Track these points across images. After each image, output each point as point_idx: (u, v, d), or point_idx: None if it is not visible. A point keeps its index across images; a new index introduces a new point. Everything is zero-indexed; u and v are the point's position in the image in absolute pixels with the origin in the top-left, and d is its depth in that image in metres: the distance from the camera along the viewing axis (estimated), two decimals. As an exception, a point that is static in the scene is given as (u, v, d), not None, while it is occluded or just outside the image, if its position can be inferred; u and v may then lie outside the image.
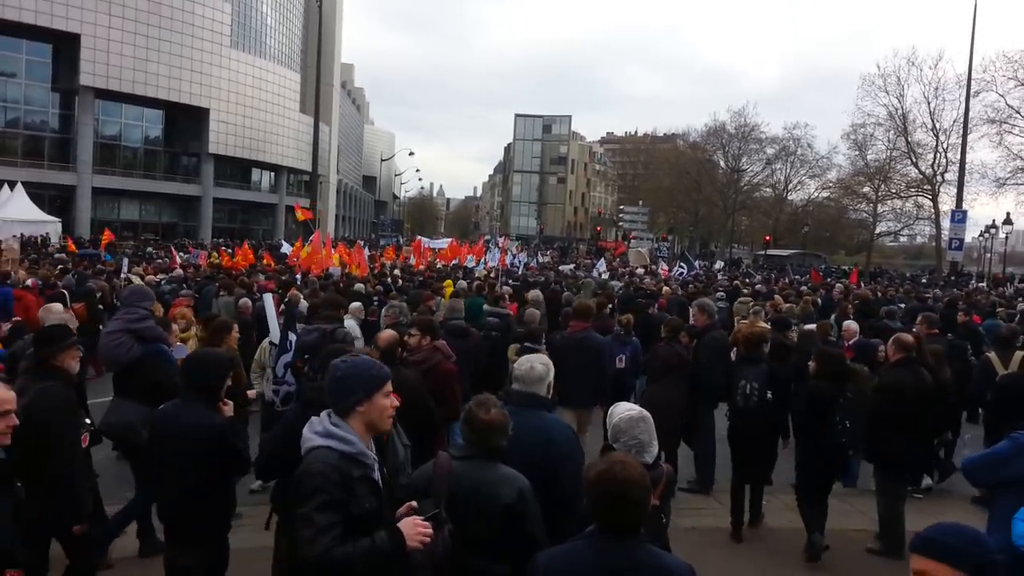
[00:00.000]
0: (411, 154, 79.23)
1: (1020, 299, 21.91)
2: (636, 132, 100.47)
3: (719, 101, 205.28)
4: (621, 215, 63.99)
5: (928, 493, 7.82)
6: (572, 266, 30.48)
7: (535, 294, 13.00)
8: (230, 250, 28.74)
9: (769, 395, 6.52)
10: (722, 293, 17.56)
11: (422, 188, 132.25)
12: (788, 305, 13.46)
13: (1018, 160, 45.58)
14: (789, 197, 63.52)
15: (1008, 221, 44.56)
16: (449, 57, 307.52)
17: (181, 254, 26.77)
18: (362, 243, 34.10)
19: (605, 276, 24.25)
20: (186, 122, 57.81)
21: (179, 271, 18.53)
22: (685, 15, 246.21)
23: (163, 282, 15.60)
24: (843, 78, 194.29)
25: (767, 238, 58.72)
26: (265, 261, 22.82)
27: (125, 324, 5.75)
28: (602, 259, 31.91)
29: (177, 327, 7.47)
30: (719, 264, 41.54)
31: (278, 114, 64.86)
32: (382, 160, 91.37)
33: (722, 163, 63.25)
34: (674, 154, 69.82)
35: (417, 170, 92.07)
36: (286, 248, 26.61)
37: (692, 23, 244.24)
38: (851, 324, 10.23)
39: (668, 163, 68.01)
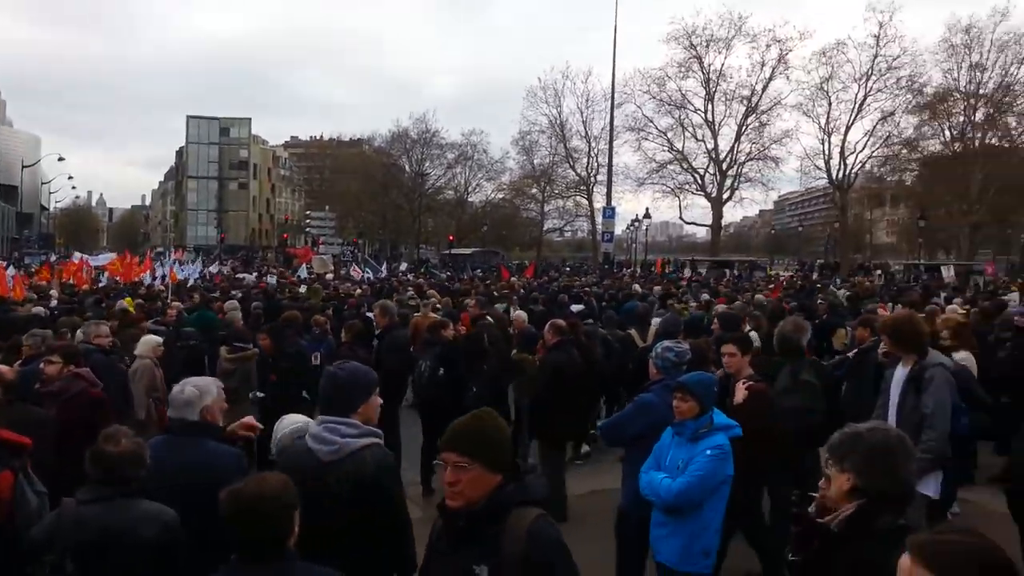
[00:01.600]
0: (60, 159, 69.41)
1: (640, 280, 25.61)
2: (321, 137, 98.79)
3: (402, 108, 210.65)
4: (308, 221, 62.61)
5: (587, 458, 8.77)
6: (255, 275, 29.13)
7: (232, 303, 12.42)
8: None
9: (441, 371, 7.51)
10: (412, 292, 18.21)
11: (77, 197, 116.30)
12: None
13: (653, 163, 53.46)
14: (470, 199, 67.27)
15: (647, 215, 52.06)
16: (112, 54, 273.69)
17: None
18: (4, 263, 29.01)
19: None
20: None
21: None
22: (368, 21, 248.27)
23: None
24: (512, 89, 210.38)
25: (451, 237, 61.58)
26: None
27: None
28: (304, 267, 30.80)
29: None
30: (404, 266, 42.64)
31: None
32: (23, 167, 78.84)
33: (407, 167, 64.84)
34: (360, 159, 70.02)
35: (70, 177, 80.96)
36: None
37: (375, 30, 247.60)
38: (520, 313, 11.18)
39: (355, 168, 68.03)
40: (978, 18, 45.92)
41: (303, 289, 19.40)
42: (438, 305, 13.08)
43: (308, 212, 69.50)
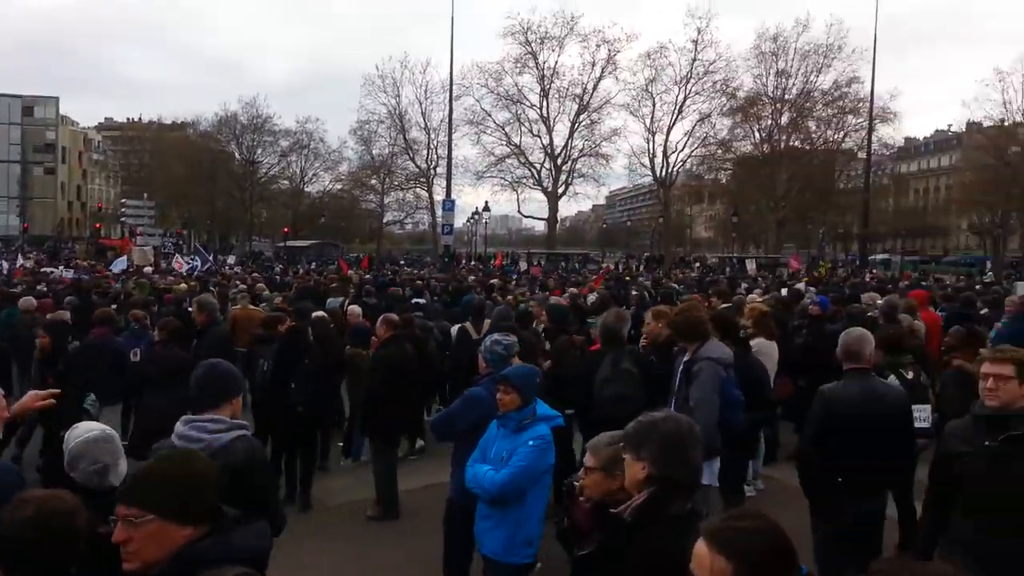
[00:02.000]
0: None
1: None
2: (140, 119, 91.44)
3: (229, 90, 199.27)
4: (124, 210, 57.85)
5: (422, 453, 8.74)
6: (62, 268, 26.57)
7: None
8: None
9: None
10: (241, 287, 17.41)
11: None
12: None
13: (492, 156, 54.21)
14: (306, 189, 65.01)
15: (487, 208, 52.74)
16: None
17: None
18: None
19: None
20: None
21: None
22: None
23: None
24: (348, 77, 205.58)
25: (286, 229, 59.24)
26: None
27: None
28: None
29: None
30: (232, 259, 40.53)
31: None
32: None
33: (237, 154, 61.51)
34: (184, 144, 65.60)
35: None
36: None
37: (195, 3, 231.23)
38: (354, 308, 10.94)
39: (179, 153, 63.64)
40: (784, 28, 50.39)
41: (122, 283, 17.89)
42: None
43: (124, 200, 64.08)
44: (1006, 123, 49.80)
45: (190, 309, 10.40)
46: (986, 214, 56.69)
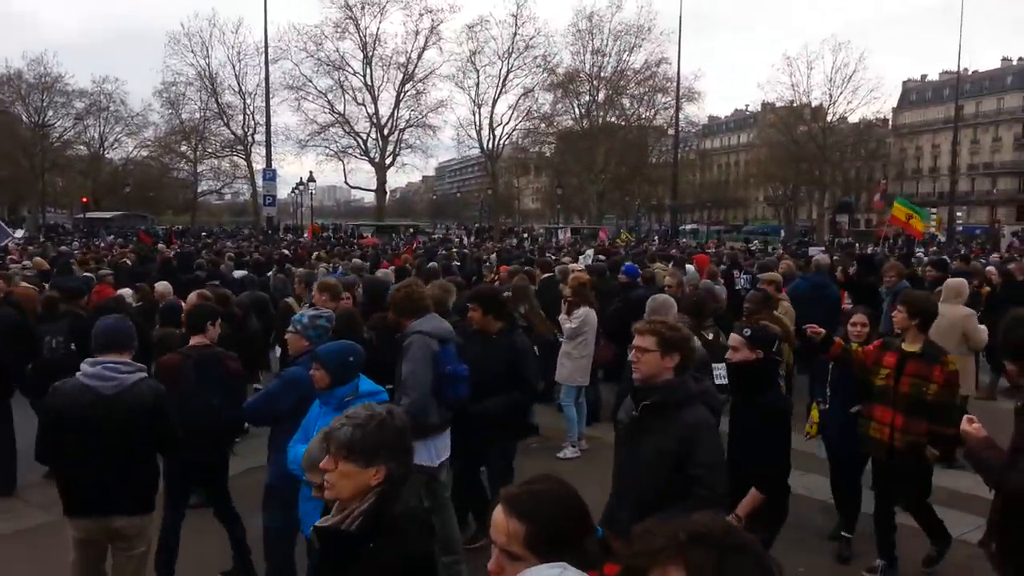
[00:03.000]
0: None
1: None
2: None
3: (9, 45, 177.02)
4: None
5: (245, 435, 8.36)
6: None
7: None
8: None
9: (73, 346, 6.78)
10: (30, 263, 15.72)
11: None
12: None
13: (315, 124, 52.25)
14: (107, 156, 59.47)
15: (312, 179, 50.94)
16: None
17: None
18: None
19: None
20: None
21: None
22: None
23: None
24: (150, 34, 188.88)
25: (84, 200, 54.01)
26: None
27: None
28: None
29: None
30: (21, 232, 36.44)
31: None
32: None
33: (24, 117, 54.93)
34: (-43, 104, 57.80)
35: None
36: None
37: None
38: (163, 285, 10.20)
39: (-51, 114, 55.97)
40: (599, 7, 52.43)
41: None
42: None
43: None
44: (795, 104, 55.05)
45: None
46: (779, 187, 62.66)
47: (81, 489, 3.95)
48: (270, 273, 13.18)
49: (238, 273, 13.47)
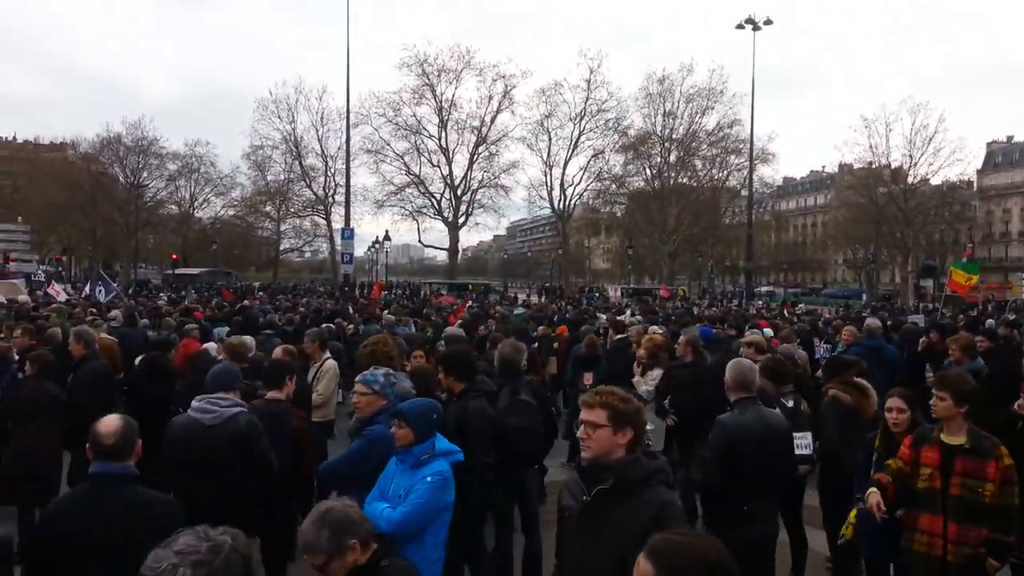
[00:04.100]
0: None
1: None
2: (15, 138, 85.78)
3: (110, 110, 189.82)
4: (-4, 234, 53.91)
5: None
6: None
7: None
8: None
9: None
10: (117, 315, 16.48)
11: None
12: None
13: (391, 185, 53.89)
14: (196, 214, 62.51)
15: (387, 237, 52.30)
16: None
17: None
18: None
19: None
20: None
21: None
22: (55, 7, 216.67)
23: None
24: (240, 102, 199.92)
25: (174, 256, 56.69)
26: None
27: None
28: None
29: None
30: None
31: None
32: None
33: (121, 177, 58.48)
34: (63, 165, 61.91)
35: None
36: None
37: (59, 14, 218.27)
38: (246, 339, 10.54)
39: (57, 175, 59.88)
40: (670, 71, 52.91)
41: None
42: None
43: (-5, 223, 59.73)
44: (874, 166, 53.83)
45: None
46: (859, 249, 60.83)
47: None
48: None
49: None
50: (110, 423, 3.34)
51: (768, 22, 42.80)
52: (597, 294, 48.48)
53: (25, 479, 6.05)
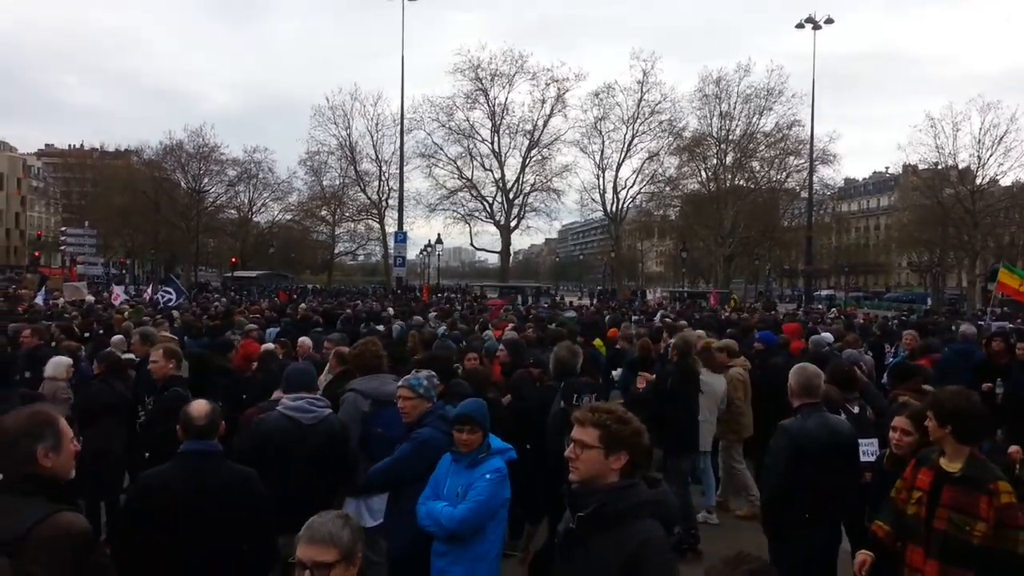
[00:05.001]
0: None
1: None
2: (82, 146, 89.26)
3: (173, 119, 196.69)
4: (64, 238, 56.07)
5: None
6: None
7: None
8: None
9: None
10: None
11: None
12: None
13: (444, 189, 54.33)
14: (255, 219, 64.13)
15: (439, 241, 52.69)
16: None
17: None
18: None
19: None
20: None
21: None
22: (124, 20, 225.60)
23: None
24: (296, 108, 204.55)
25: (233, 260, 58.19)
26: None
27: None
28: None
29: None
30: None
31: None
32: None
33: (183, 183, 60.35)
34: (128, 172, 64.20)
35: None
36: None
37: (132, 29, 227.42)
38: (305, 340, 10.68)
39: (122, 181, 62.15)
40: (726, 72, 52.01)
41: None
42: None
43: (64, 228, 62.14)
44: (940, 166, 51.97)
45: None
46: (924, 252, 58.82)
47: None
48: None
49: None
50: (200, 407, 3.73)
51: (829, 21, 41.78)
52: (637, 298, 47.92)
53: (92, 476, 6.22)
